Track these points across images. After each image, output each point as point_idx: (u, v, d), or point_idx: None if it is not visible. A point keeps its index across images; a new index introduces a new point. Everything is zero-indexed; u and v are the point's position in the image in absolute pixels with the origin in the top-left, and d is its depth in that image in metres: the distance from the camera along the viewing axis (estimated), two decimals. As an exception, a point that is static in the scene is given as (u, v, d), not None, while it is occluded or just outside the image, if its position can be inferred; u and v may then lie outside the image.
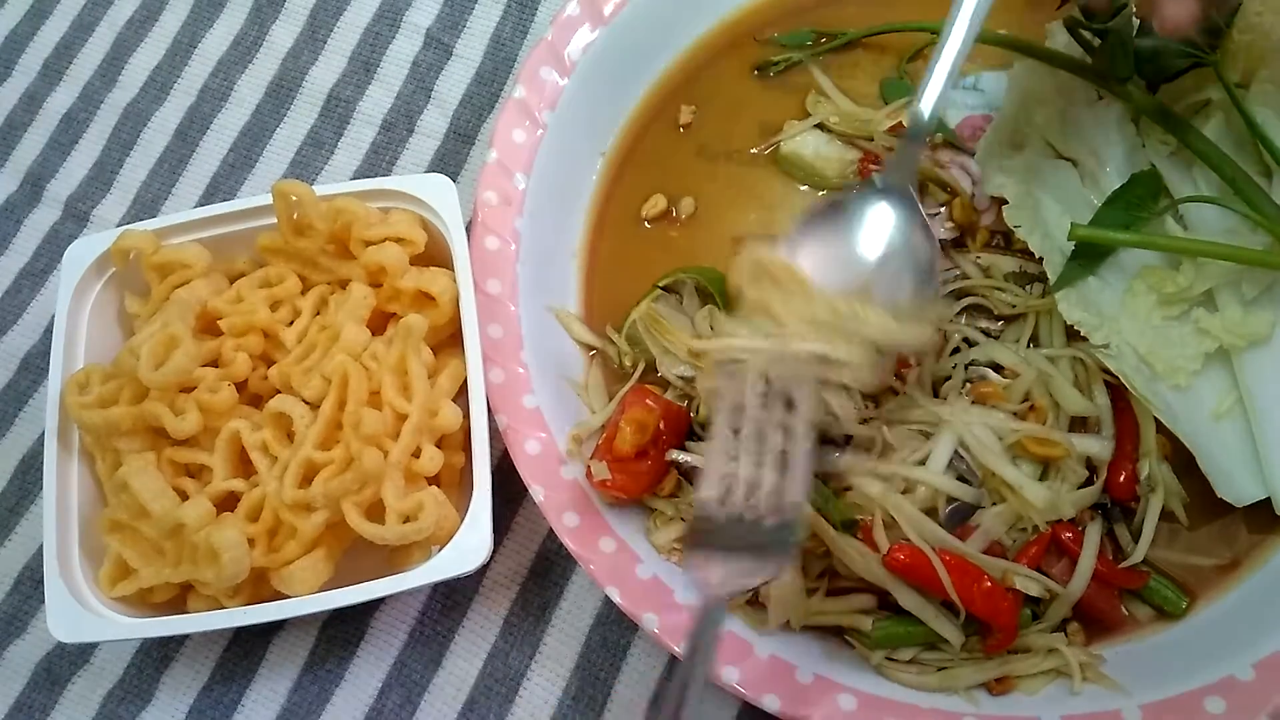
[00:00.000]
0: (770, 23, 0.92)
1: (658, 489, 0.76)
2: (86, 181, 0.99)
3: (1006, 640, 0.69)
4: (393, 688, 0.79)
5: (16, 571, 0.85)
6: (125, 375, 0.74)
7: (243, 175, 0.97)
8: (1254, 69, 0.74)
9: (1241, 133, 0.74)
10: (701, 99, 0.91)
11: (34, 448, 0.89)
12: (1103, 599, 0.71)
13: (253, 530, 0.71)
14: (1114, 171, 0.77)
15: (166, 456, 0.75)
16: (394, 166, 0.96)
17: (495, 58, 0.98)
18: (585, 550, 0.72)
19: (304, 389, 0.74)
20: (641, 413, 0.74)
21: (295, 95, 0.99)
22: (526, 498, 0.80)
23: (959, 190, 0.84)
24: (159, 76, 1.02)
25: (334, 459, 0.70)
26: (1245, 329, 0.70)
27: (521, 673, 0.78)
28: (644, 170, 0.89)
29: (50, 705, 0.81)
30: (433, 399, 0.73)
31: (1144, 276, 0.74)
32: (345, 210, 0.77)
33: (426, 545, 0.75)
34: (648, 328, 0.78)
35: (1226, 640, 0.69)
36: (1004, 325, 0.79)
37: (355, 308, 0.76)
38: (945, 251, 0.83)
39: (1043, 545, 0.70)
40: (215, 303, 0.78)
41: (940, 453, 0.71)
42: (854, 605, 0.72)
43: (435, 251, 0.80)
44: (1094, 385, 0.74)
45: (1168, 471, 0.74)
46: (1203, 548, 0.74)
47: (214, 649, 0.81)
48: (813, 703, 0.68)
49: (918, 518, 0.69)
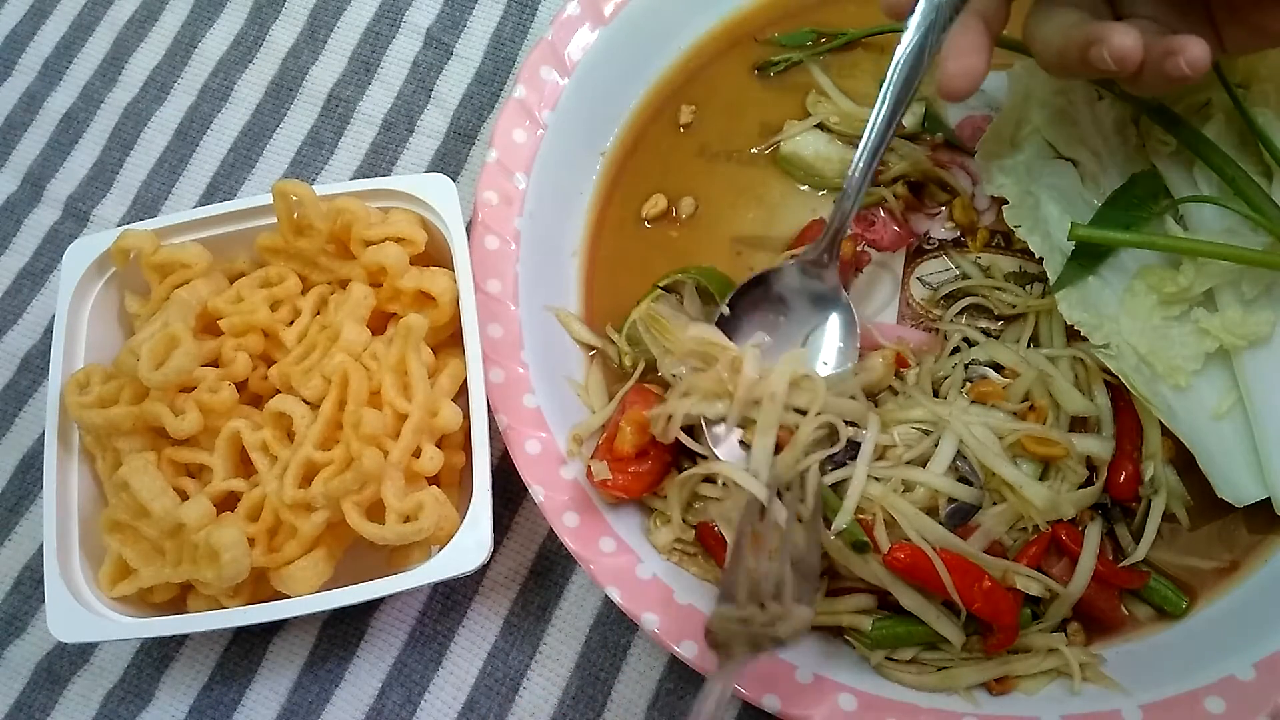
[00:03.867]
0: (770, 23, 0.92)
1: (658, 489, 0.76)
2: (86, 181, 0.99)
3: (1007, 640, 0.69)
4: (393, 688, 0.79)
5: (16, 571, 0.85)
6: (125, 375, 0.74)
7: (243, 175, 0.97)
8: (1254, 69, 0.74)
9: (1241, 133, 0.74)
10: (701, 99, 0.91)
11: (34, 448, 0.89)
12: (1103, 599, 0.71)
13: (253, 530, 0.71)
14: (1114, 171, 0.77)
15: (166, 456, 0.75)
16: (394, 166, 0.96)
17: (495, 57, 0.98)
18: (585, 550, 0.72)
19: (304, 389, 0.74)
20: (641, 413, 0.74)
21: (295, 95, 0.99)
22: (526, 498, 0.80)
23: (959, 190, 0.84)
24: (159, 76, 1.02)
25: (334, 459, 0.70)
26: (1245, 329, 0.70)
27: (521, 673, 0.78)
28: (644, 170, 0.89)
29: (50, 705, 0.81)
30: (433, 399, 0.73)
31: (1144, 276, 0.74)
32: (345, 210, 0.77)
33: (426, 545, 0.75)
34: (648, 328, 0.78)
35: (1226, 640, 0.69)
36: (1004, 325, 0.80)
37: (355, 308, 0.76)
38: (945, 251, 0.83)
39: (1043, 545, 0.70)
40: (215, 303, 0.78)
41: (943, 453, 0.71)
42: (854, 605, 0.72)
43: (435, 251, 0.80)
44: (1094, 385, 0.74)
45: (1171, 474, 0.74)
46: (1203, 548, 0.74)
47: (214, 649, 0.81)
48: (813, 703, 0.68)
49: (918, 517, 0.69)
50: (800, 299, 0.78)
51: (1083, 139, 0.78)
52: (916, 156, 0.84)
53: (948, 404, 0.74)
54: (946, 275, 0.82)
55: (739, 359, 0.73)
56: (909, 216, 0.84)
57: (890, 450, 0.73)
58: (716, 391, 0.73)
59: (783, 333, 0.77)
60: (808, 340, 0.77)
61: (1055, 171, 0.78)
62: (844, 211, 0.76)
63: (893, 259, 0.84)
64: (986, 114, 0.86)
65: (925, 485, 0.71)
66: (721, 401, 0.73)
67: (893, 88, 0.72)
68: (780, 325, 0.78)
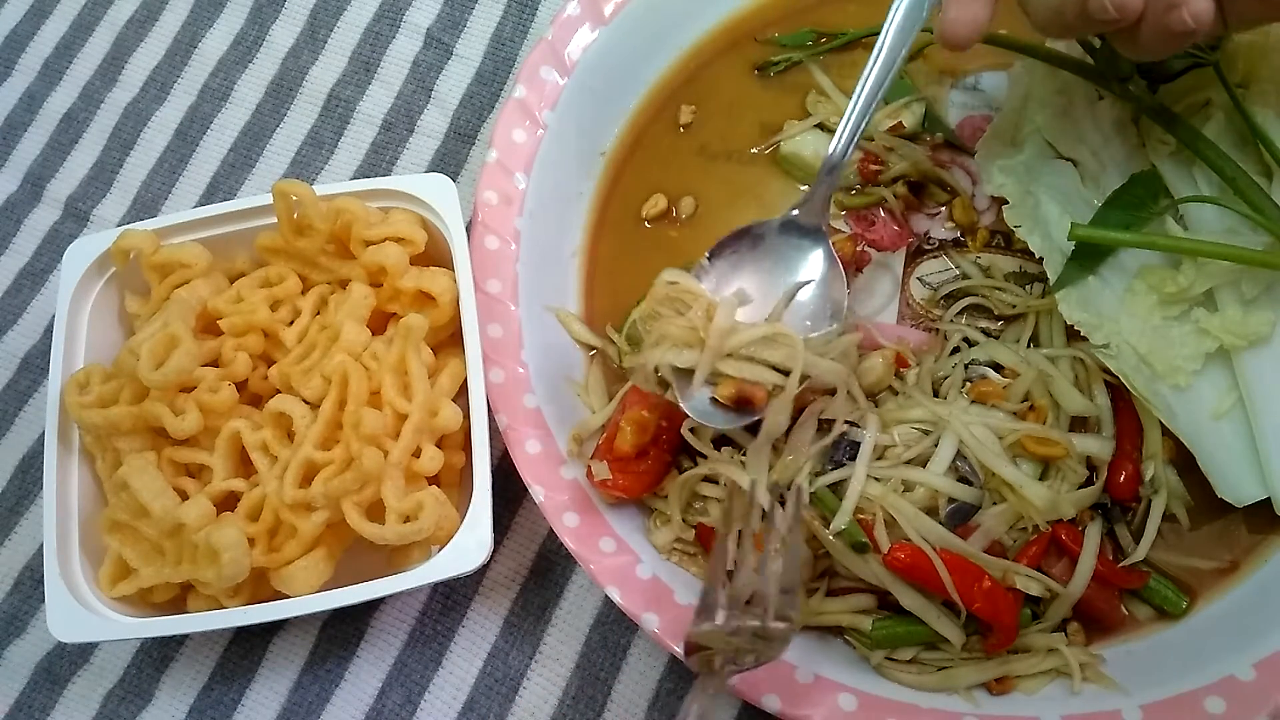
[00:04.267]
0: (770, 23, 0.92)
1: (658, 489, 0.76)
2: (86, 181, 0.99)
3: (1006, 640, 0.69)
4: (393, 688, 0.79)
5: (16, 571, 0.85)
6: (125, 375, 0.74)
7: (243, 175, 0.97)
8: (1254, 69, 0.74)
9: (1241, 133, 0.74)
10: (701, 99, 0.91)
11: (34, 448, 0.89)
12: (1103, 599, 0.71)
13: (253, 530, 0.71)
14: (1114, 171, 0.77)
15: (166, 456, 0.75)
16: (394, 166, 0.96)
17: (495, 57, 0.98)
18: (585, 550, 0.72)
19: (304, 389, 0.74)
20: (641, 412, 0.74)
21: (295, 95, 0.99)
22: (526, 498, 0.80)
23: (959, 190, 0.84)
24: (159, 76, 1.02)
25: (334, 459, 0.70)
26: (1245, 329, 0.70)
27: (521, 673, 0.78)
28: (644, 170, 0.89)
29: (50, 705, 0.81)
30: (433, 399, 0.73)
31: (1144, 276, 0.74)
32: (345, 210, 0.77)
33: (426, 545, 0.75)
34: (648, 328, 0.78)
35: (1226, 640, 0.69)
36: (1004, 325, 0.80)
37: (355, 308, 0.76)
38: (945, 251, 0.83)
39: (1043, 545, 0.70)
40: (215, 303, 0.78)
41: (942, 453, 0.71)
42: (854, 605, 0.72)
43: (435, 251, 0.80)
44: (1094, 385, 0.74)
45: (1172, 474, 0.74)
46: (1203, 548, 0.74)
47: (214, 649, 0.81)
48: (813, 703, 0.68)
49: (918, 517, 0.69)
50: (786, 255, 0.75)
51: (1083, 139, 0.78)
52: (916, 156, 0.84)
53: (948, 404, 0.73)
54: (946, 275, 0.82)
55: (713, 306, 0.70)
56: (909, 216, 0.84)
57: (890, 450, 0.73)
58: (688, 340, 0.70)
59: (765, 290, 0.74)
60: (793, 300, 0.74)
61: (1055, 171, 0.78)
62: (835, 156, 0.73)
63: (893, 259, 0.84)
64: (986, 114, 0.86)
65: (925, 485, 0.71)
66: (692, 350, 0.70)
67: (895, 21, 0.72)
68: (764, 282, 0.74)
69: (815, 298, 0.74)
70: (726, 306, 0.70)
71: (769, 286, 0.74)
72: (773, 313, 0.72)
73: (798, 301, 0.74)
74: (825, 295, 0.74)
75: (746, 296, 0.72)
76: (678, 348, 0.70)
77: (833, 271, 0.74)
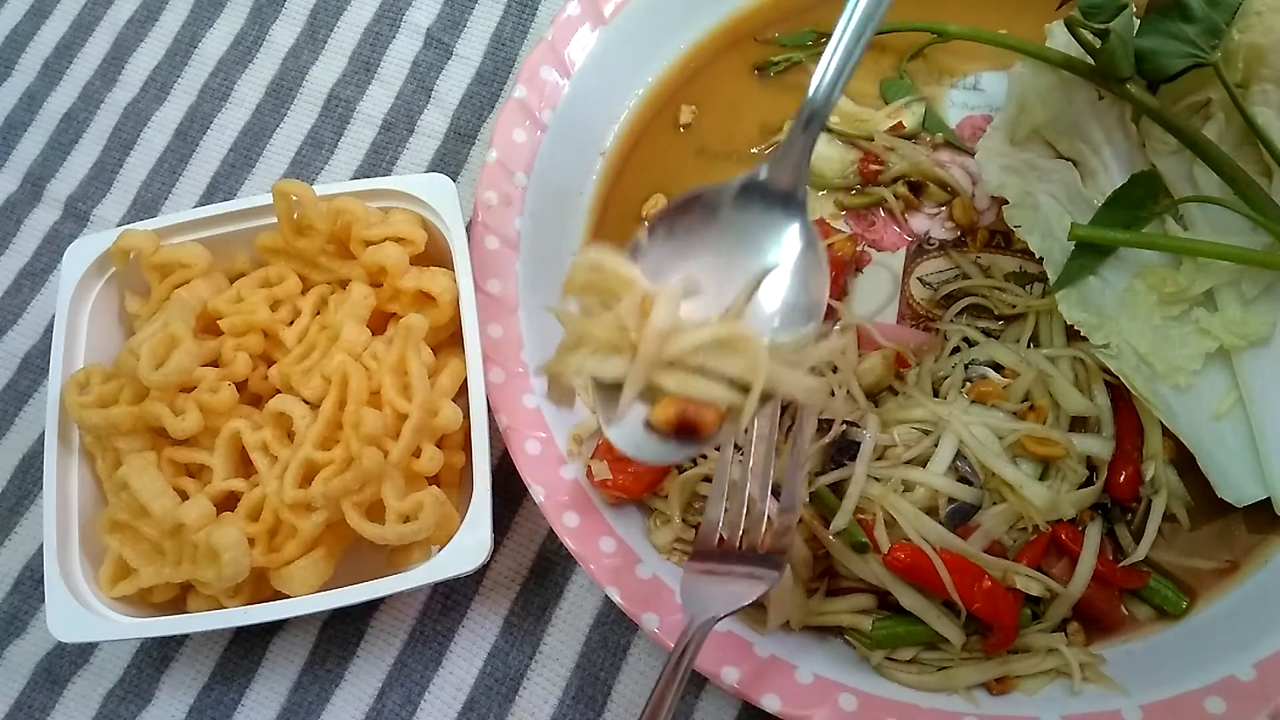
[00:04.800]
0: (770, 23, 0.92)
1: (658, 489, 0.76)
2: (86, 181, 0.99)
3: (1006, 640, 0.69)
4: (393, 688, 0.79)
5: (16, 571, 0.85)
6: (125, 375, 0.74)
7: (243, 175, 0.97)
8: (1254, 69, 0.74)
9: (1241, 133, 0.74)
10: (701, 99, 0.91)
11: (34, 448, 0.89)
12: (1103, 599, 0.71)
13: (253, 530, 0.71)
14: (1114, 171, 0.77)
15: (166, 456, 0.75)
16: (394, 166, 0.96)
17: (495, 57, 0.98)
18: (585, 550, 0.72)
19: (304, 389, 0.74)
20: (641, 413, 0.74)
21: (295, 95, 0.99)
22: (526, 498, 0.80)
23: (959, 190, 0.84)
24: (159, 76, 1.02)
25: (334, 459, 0.70)
26: (1245, 329, 0.70)
27: (521, 673, 0.78)
28: (644, 170, 0.89)
29: (50, 705, 0.81)
30: (433, 399, 0.73)
31: (1144, 276, 0.74)
32: (345, 210, 0.77)
33: (426, 545, 0.75)
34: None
35: (1226, 640, 0.69)
36: (1004, 325, 0.80)
37: (355, 308, 0.76)
38: (945, 251, 0.83)
39: (1043, 545, 0.70)
40: (215, 303, 0.78)
41: (942, 453, 0.71)
42: (854, 605, 0.72)
43: (435, 251, 0.80)
44: (1094, 385, 0.74)
45: (1171, 473, 0.74)
46: (1203, 548, 0.74)
47: (214, 649, 0.81)
48: (813, 703, 0.68)
49: (918, 517, 0.69)
50: (750, 232, 0.57)
51: (1083, 139, 0.78)
52: (916, 156, 0.84)
53: (948, 404, 0.74)
54: (946, 275, 0.82)
55: (649, 299, 0.52)
56: (909, 216, 0.84)
57: (890, 450, 0.73)
58: (615, 343, 0.52)
59: (721, 277, 0.56)
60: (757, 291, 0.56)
61: (1055, 171, 0.78)
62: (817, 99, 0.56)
63: (893, 259, 0.84)
64: (986, 114, 0.86)
65: (925, 485, 0.71)
66: (620, 357, 0.53)
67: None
68: (719, 267, 0.56)
69: (787, 289, 0.56)
70: (667, 299, 0.52)
71: (726, 273, 0.56)
72: (730, 308, 0.55)
73: (764, 294, 0.56)
74: (800, 286, 0.56)
75: (695, 286, 0.54)
76: (601, 353, 0.53)
77: (810, 254, 0.56)
